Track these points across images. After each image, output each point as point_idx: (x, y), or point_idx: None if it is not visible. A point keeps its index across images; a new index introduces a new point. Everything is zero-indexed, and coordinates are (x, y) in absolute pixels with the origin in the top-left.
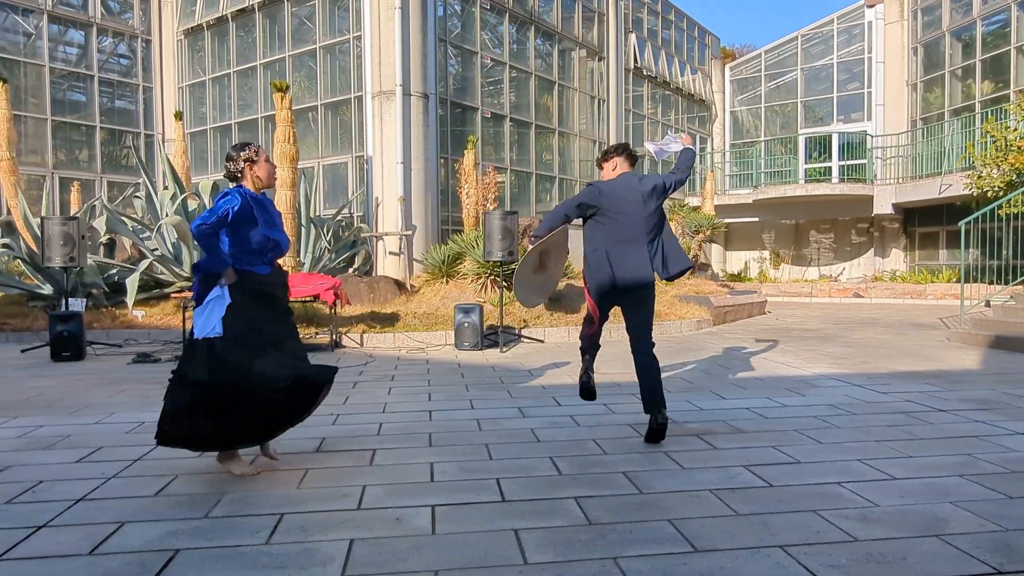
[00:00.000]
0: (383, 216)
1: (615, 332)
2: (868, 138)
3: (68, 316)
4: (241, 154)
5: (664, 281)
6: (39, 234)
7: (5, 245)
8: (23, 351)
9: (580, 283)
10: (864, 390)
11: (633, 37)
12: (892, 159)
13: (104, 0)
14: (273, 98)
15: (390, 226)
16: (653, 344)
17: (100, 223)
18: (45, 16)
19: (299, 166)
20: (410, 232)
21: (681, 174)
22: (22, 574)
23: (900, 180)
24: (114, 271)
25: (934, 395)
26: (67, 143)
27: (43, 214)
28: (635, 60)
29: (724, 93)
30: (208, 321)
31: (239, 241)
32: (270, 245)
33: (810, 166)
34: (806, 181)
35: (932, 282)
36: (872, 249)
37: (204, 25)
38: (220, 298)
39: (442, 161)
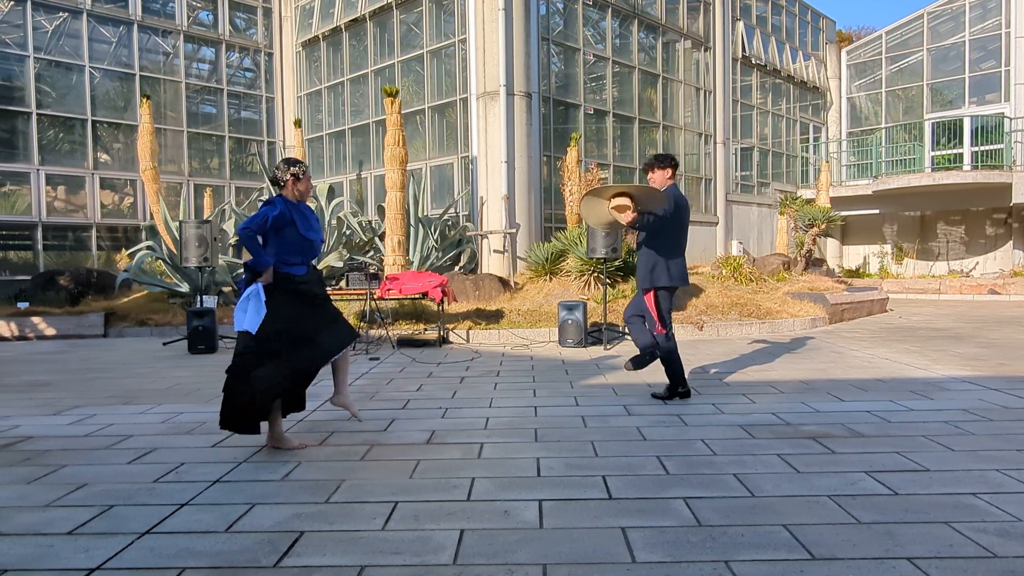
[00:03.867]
0: (488, 215)
1: (722, 330)
2: (1006, 120)
3: (203, 312)
4: (291, 168)
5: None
6: (177, 237)
7: (149, 247)
8: (164, 344)
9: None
10: (1003, 395)
11: (741, 25)
12: None
13: (232, 18)
14: (383, 103)
15: (494, 224)
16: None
17: (229, 226)
18: (181, 36)
19: (408, 168)
20: (514, 230)
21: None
22: (169, 547)
23: None
24: (241, 270)
25: None
26: (200, 152)
27: (181, 218)
28: (743, 49)
29: (840, 79)
30: (243, 319)
31: (280, 242)
32: (305, 245)
33: (937, 153)
34: (933, 169)
35: None
36: (1011, 242)
37: (320, 36)
38: (257, 296)
39: (545, 159)
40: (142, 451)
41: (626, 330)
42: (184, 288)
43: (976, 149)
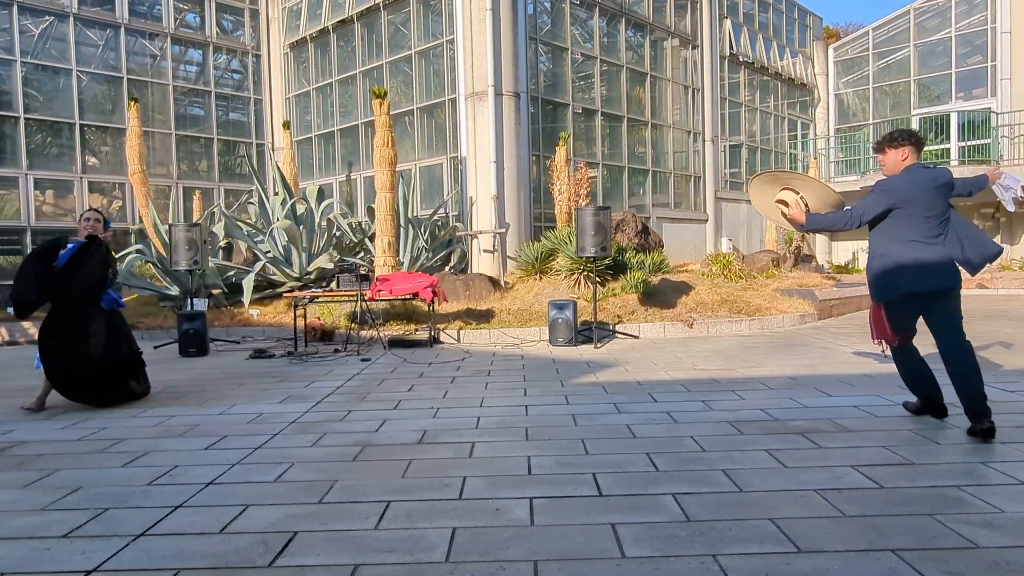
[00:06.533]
0: (477, 215)
1: (711, 328)
2: (992, 115)
3: (193, 315)
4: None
5: (969, 275)
6: (167, 240)
7: (139, 250)
8: (155, 347)
9: (675, 277)
10: (988, 388)
11: (728, 23)
12: (1021, 137)
13: (219, 20)
14: (372, 104)
15: (484, 224)
16: (965, 348)
17: (219, 228)
18: (168, 39)
19: (397, 169)
20: (503, 230)
21: (970, 187)
22: (164, 549)
23: None
24: (231, 273)
25: None
26: (189, 155)
27: (170, 221)
28: (731, 46)
29: (827, 75)
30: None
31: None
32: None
33: (925, 148)
34: None
35: None
36: (998, 236)
37: (308, 38)
38: None
39: (534, 159)
40: (135, 454)
41: (616, 327)
42: (174, 291)
43: (963, 144)
